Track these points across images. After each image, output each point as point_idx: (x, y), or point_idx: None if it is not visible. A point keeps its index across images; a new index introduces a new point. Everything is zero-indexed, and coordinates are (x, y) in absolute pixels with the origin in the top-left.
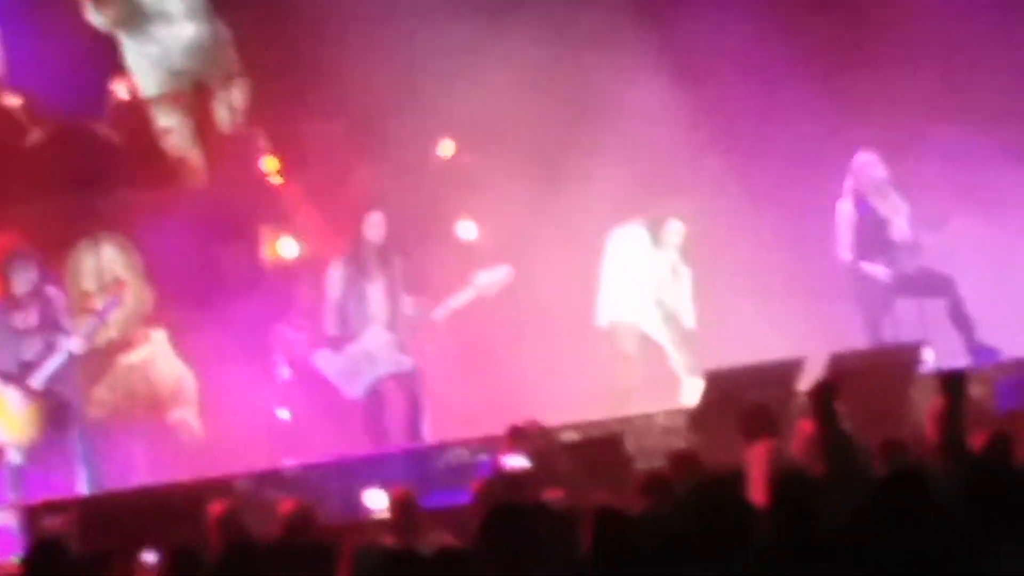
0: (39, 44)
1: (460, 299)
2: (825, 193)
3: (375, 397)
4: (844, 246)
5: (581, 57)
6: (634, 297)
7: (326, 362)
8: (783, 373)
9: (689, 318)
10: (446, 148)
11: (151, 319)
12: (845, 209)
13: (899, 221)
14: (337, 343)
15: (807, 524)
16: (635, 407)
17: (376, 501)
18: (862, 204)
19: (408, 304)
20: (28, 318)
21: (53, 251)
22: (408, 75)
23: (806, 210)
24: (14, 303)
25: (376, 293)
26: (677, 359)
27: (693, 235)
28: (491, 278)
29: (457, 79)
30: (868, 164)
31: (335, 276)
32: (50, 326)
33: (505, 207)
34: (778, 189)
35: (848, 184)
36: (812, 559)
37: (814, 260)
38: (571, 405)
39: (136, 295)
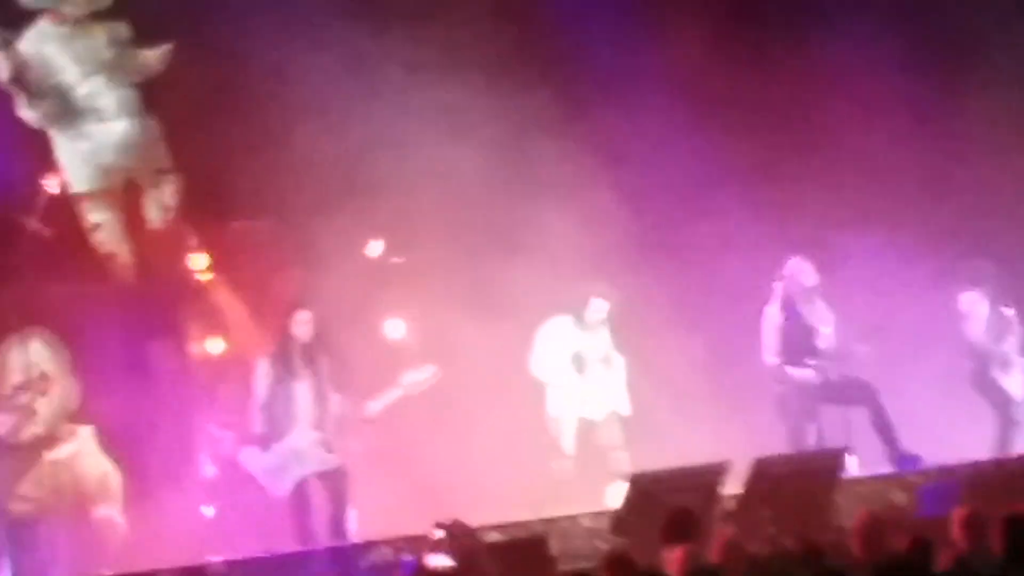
0: None
1: (386, 398)
2: (753, 297)
3: (300, 495)
4: (769, 350)
5: (508, 156)
6: (575, 391)
7: (252, 460)
8: (707, 477)
9: (624, 406)
10: (374, 247)
11: (78, 415)
12: (772, 313)
13: (825, 329)
14: (263, 441)
15: None
16: (564, 505)
17: None
18: (789, 309)
19: (335, 403)
20: None
21: None
22: (338, 174)
23: (732, 312)
24: None
25: (303, 391)
26: (613, 457)
27: (618, 324)
28: (417, 377)
29: (388, 178)
30: (799, 270)
31: (262, 374)
32: None
33: (433, 306)
34: (705, 290)
35: (777, 288)
36: None
37: (739, 363)
38: (496, 506)
39: (63, 391)
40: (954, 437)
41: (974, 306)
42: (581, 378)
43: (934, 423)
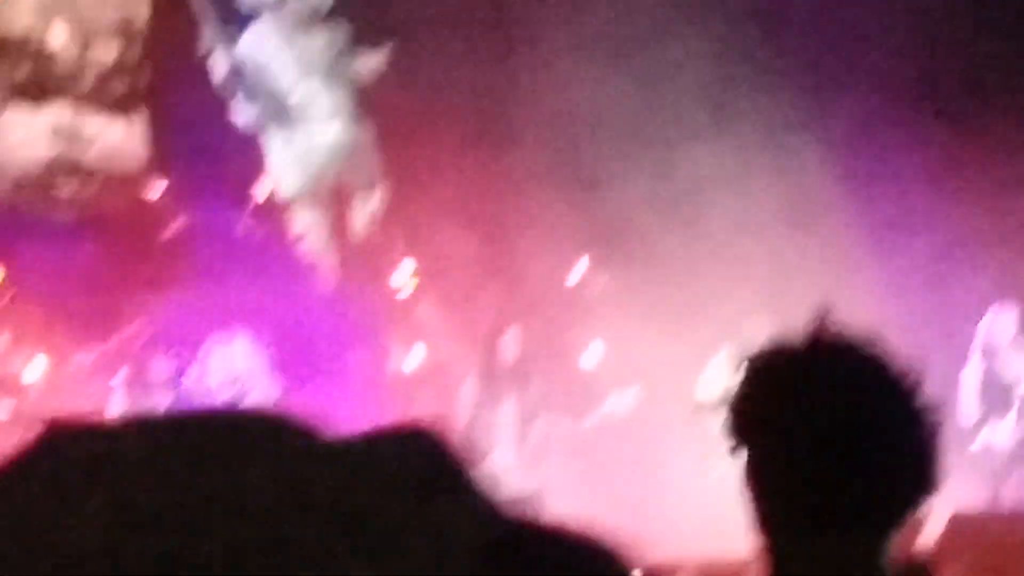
0: (186, 136)
1: (592, 419)
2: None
3: None
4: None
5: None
6: None
7: None
8: None
9: None
10: (580, 267)
11: None
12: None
13: None
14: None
15: None
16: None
17: None
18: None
19: (540, 424)
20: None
21: (185, 343)
22: (548, 192)
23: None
24: (150, 391)
25: (507, 412)
26: None
27: None
28: (622, 399)
29: (596, 198)
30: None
31: (466, 393)
32: None
33: (637, 328)
34: None
35: (976, 342)
36: None
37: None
38: (692, 536)
39: (261, 393)
40: None
41: None
42: None
43: None
